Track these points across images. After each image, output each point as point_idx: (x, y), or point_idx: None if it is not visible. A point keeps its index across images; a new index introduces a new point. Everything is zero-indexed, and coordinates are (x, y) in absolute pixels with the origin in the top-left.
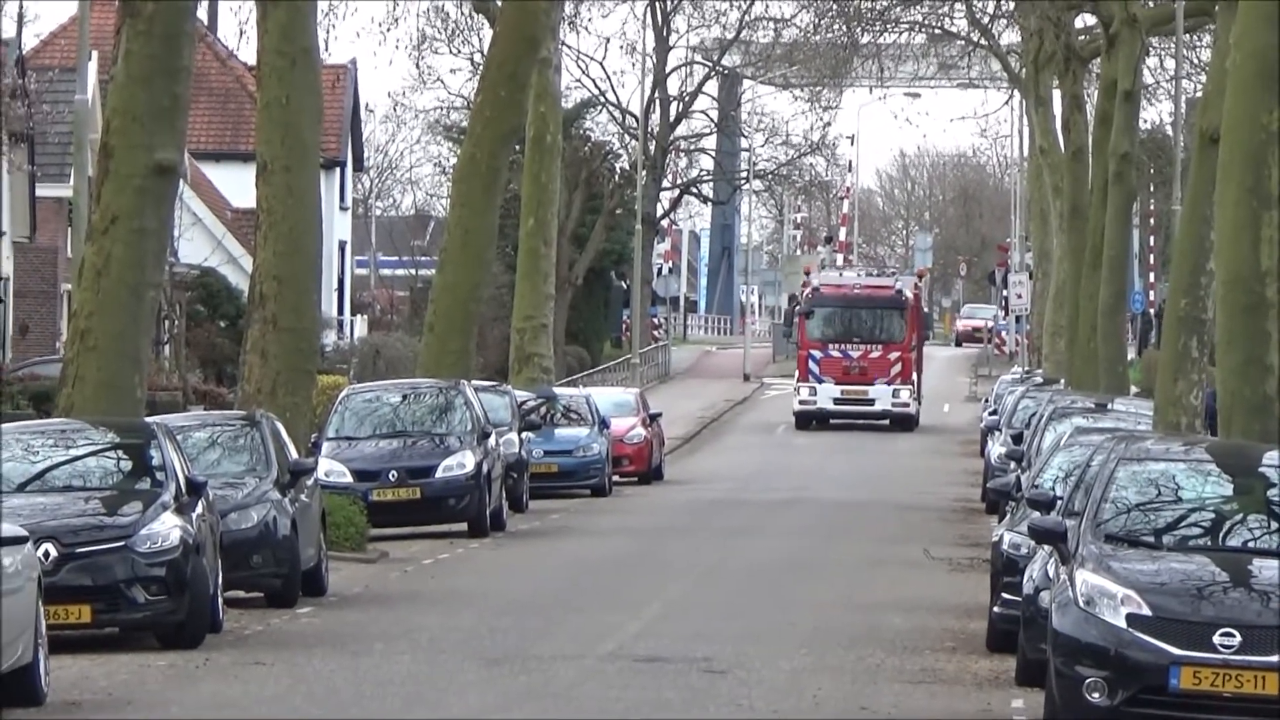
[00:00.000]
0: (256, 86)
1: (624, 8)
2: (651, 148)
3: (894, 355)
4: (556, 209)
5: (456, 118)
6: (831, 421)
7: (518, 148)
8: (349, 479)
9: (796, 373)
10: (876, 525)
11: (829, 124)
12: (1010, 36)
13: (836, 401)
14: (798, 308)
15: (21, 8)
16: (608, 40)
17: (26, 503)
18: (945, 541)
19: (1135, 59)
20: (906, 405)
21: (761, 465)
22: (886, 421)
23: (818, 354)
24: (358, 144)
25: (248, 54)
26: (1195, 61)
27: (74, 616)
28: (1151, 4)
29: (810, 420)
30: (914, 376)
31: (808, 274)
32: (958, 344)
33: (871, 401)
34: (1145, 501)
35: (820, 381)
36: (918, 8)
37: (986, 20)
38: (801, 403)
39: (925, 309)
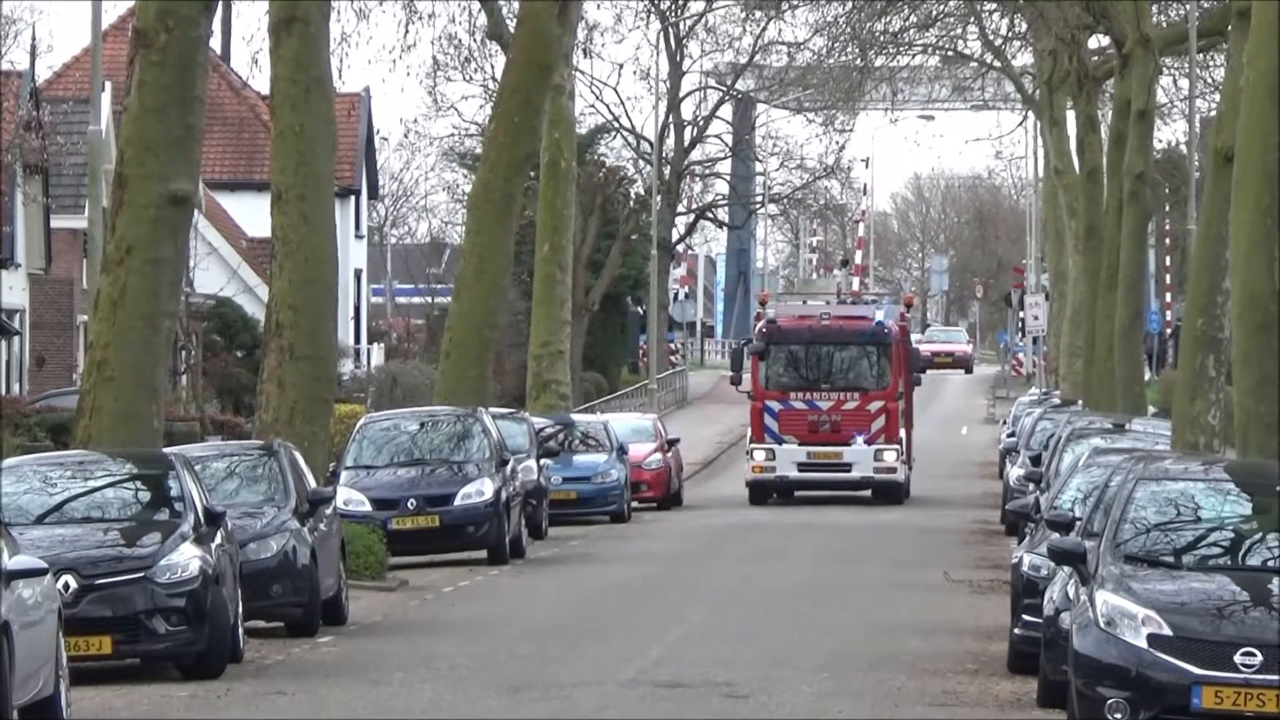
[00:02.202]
0: (270, 115)
1: (637, 34)
2: (666, 172)
3: (875, 405)
4: (572, 235)
5: (470, 144)
6: (796, 494)
7: (532, 174)
8: (368, 507)
9: (749, 432)
10: (896, 548)
11: (843, 147)
12: (1024, 58)
13: (802, 467)
14: (748, 346)
15: (35, 40)
16: (621, 66)
17: (46, 534)
18: (965, 564)
19: (1149, 79)
20: (893, 470)
21: None
22: (867, 492)
23: (776, 406)
24: (372, 172)
25: (261, 83)
26: (1209, 81)
27: (94, 648)
28: (1165, 24)
29: (768, 492)
30: (901, 433)
31: (763, 304)
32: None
33: (847, 466)
34: (1164, 521)
35: (780, 442)
36: (931, 30)
37: (1000, 42)
38: (755, 470)
39: (914, 345)
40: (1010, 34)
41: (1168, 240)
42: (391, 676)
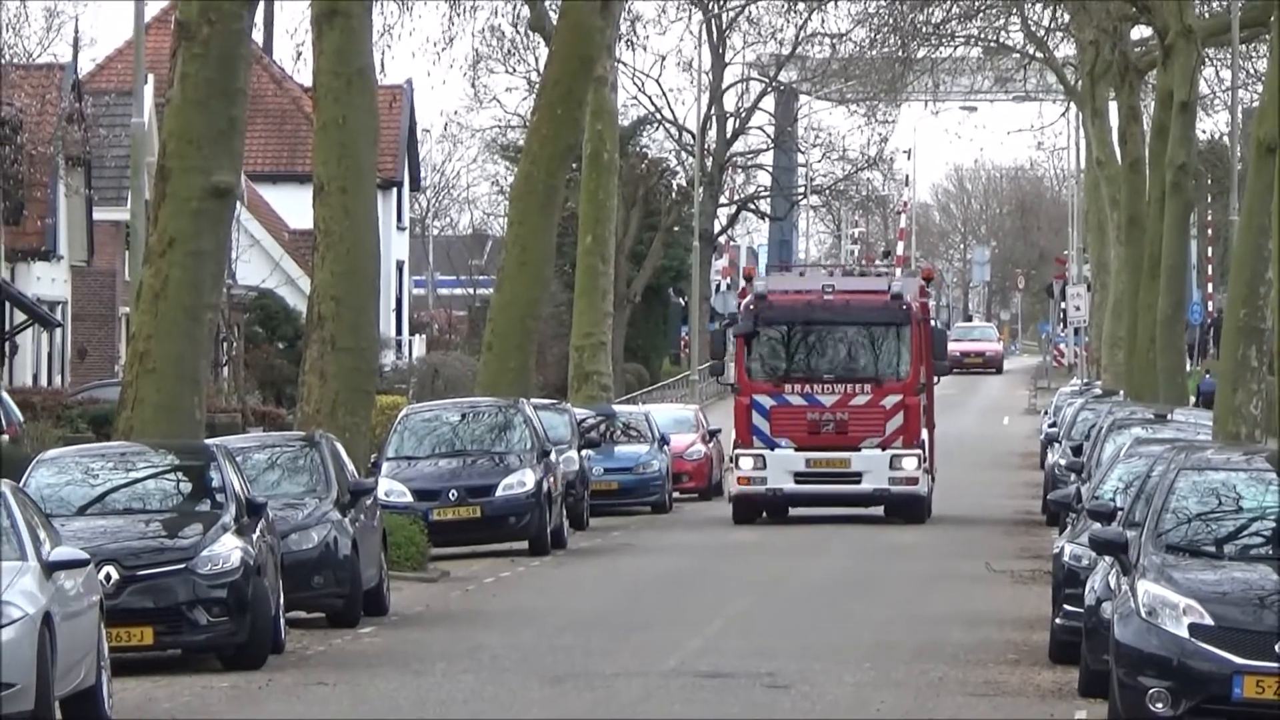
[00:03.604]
0: (313, 108)
1: (680, 25)
2: (708, 164)
3: (890, 400)
4: (614, 226)
5: (513, 136)
6: (792, 511)
7: (575, 166)
8: (409, 498)
9: (734, 434)
10: (937, 539)
11: (885, 139)
12: (1066, 49)
13: (799, 478)
14: (731, 327)
15: (78, 33)
16: (664, 57)
17: (87, 526)
18: (1006, 554)
19: (1191, 70)
20: (913, 482)
21: None
22: (879, 509)
23: (767, 401)
24: (414, 164)
25: (304, 76)
26: (1251, 71)
27: (136, 639)
28: (1207, 15)
29: (756, 509)
30: (923, 434)
31: (749, 278)
32: (949, 371)
33: (855, 477)
34: (1206, 511)
35: (772, 446)
36: (973, 22)
37: (1042, 33)
38: (741, 481)
39: (940, 324)
40: (1052, 25)
41: (1210, 231)
42: (433, 667)
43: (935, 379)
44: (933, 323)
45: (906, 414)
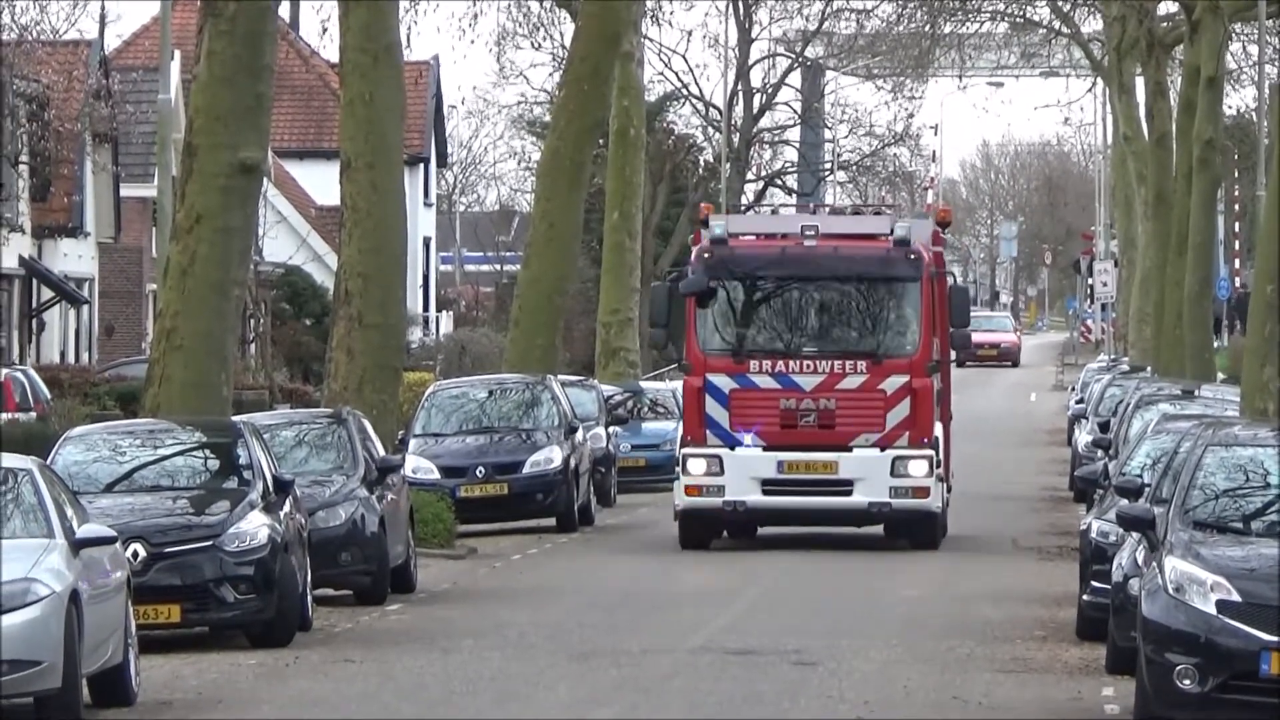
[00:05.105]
0: (339, 84)
1: (706, 1)
2: (735, 140)
3: (893, 383)
4: (641, 202)
5: (539, 112)
6: (761, 530)
7: (601, 142)
8: (436, 475)
9: (681, 427)
10: (964, 516)
11: (912, 114)
12: (1092, 24)
13: (770, 487)
14: (680, 283)
15: (104, 9)
16: (690, 33)
17: (114, 503)
18: (1034, 531)
19: (1218, 45)
20: (922, 492)
21: None
22: (876, 528)
23: (726, 384)
24: (441, 140)
25: (330, 52)
26: (1278, 46)
27: (163, 616)
28: None
29: (711, 529)
30: (936, 427)
31: (704, 222)
32: (960, 364)
33: (845, 486)
34: (1233, 487)
35: (732, 444)
36: None
37: (1068, 8)
38: (691, 491)
39: (960, 281)
40: (1079, 0)
41: (1237, 206)
42: (460, 644)
43: (953, 356)
44: (951, 279)
45: (915, 401)
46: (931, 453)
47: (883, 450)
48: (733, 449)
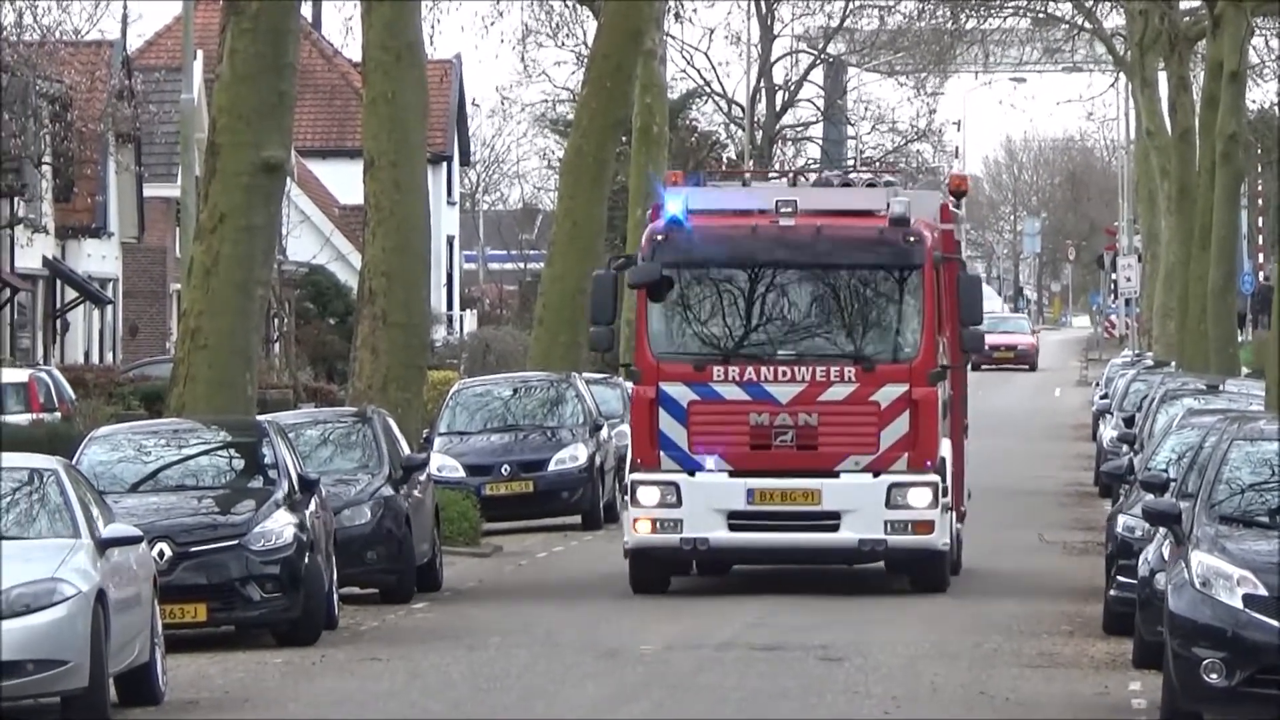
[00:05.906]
0: (362, 83)
1: None
2: (758, 137)
3: (889, 394)
4: None
5: (562, 110)
6: (733, 568)
7: (625, 139)
8: (461, 474)
9: (630, 448)
10: (990, 511)
11: (935, 110)
12: (1115, 19)
13: (737, 521)
14: (627, 271)
15: (126, 9)
16: (712, 30)
17: (140, 503)
18: (1059, 526)
19: (1241, 39)
20: (926, 527)
21: None
22: (881, 565)
23: (684, 395)
24: (464, 138)
25: (353, 50)
26: None
27: (190, 615)
28: None
29: (667, 570)
30: (945, 449)
31: (665, 187)
32: (974, 367)
33: (830, 519)
34: (1259, 482)
35: (692, 469)
36: None
37: (1090, 3)
38: (640, 525)
39: (972, 271)
40: None
41: (1260, 201)
42: (487, 642)
43: (965, 358)
44: (962, 266)
45: (915, 416)
46: (936, 478)
47: (876, 476)
48: (692, 474)
